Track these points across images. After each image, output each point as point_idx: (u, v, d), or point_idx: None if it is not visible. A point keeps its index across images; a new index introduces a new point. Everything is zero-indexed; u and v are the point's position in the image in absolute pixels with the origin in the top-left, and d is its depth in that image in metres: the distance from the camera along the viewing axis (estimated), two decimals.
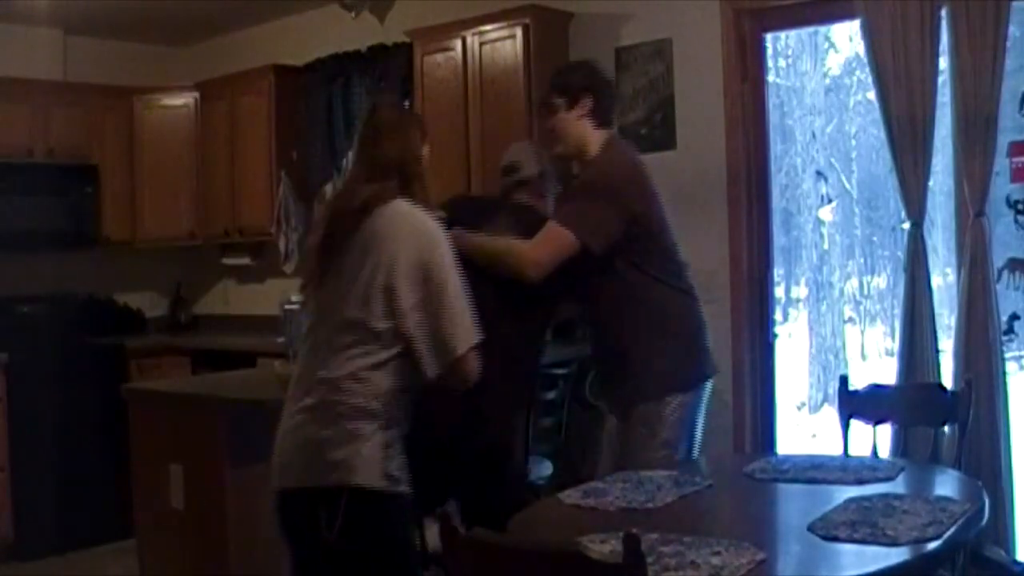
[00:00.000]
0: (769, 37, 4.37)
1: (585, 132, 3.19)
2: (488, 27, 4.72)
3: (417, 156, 2.63)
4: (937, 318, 3.72)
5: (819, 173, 6.43)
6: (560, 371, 3.97)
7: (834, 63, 4.50)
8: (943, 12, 3.63)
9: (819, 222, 7.46)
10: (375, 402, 2.40)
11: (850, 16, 3.86)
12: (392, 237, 2.44)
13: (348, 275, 2.45)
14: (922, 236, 3.72)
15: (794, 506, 2.48)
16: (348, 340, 2.42)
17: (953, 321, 3.76)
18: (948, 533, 2.03)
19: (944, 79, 3.68)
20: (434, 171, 5.03)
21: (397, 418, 2.46)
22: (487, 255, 2.90)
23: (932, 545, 1.98)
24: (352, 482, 2.39)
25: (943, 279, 3.93)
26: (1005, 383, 3.62)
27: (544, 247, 2.96)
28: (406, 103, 5.32)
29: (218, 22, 6.24)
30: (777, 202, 4.37)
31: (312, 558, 2.52)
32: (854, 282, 7.84)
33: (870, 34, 3.74)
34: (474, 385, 2.49)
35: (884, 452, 3.28)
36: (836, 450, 3.11)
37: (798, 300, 7.10)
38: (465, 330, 2.42)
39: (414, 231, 2.46)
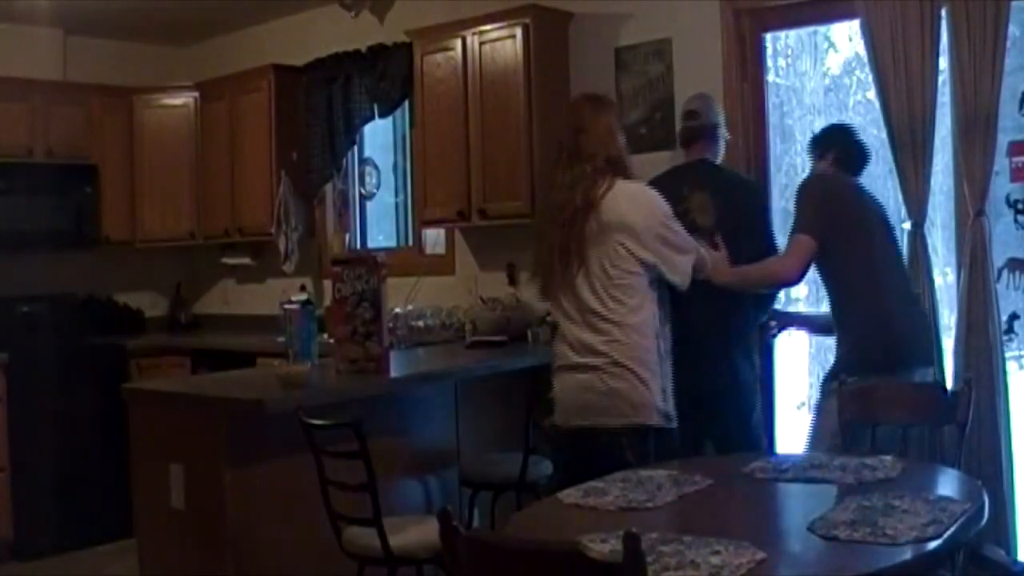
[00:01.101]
0: (769, 37, 4.36)
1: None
2: (488, 27, 4.72)
3: (618, 148, 3.18)
4: (937, 318, 3.72)
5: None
6: None
7: (834, 63, 4.50)
8: (943, 12, 3.62)
9: None
10: (650, 357, 3.05)
11: (850, 16, 3.86)
12: (624, 212, 3.05)
13: (595, 257, 3.05)
14: (923, 236, 3.72)
15: (794, 506, 2.48)
16: (611, 307, 3.04)
17: (953, 321, 3.76)
18: (948, 533, 2.03)
19: (944, 79, 3.68)
20: (434, 171, 5.10)
21: (664, 372, 3.10)
22: (754, 283, 3.53)
23: (932, 545, 1.98)
24: (646, 422, 3.03)
25: (943, 279, 3.93)
26: (1005, 383, 3.62)
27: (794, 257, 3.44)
28: (406, 103, 5.35)
29: (218, 22, 6.24)
30: (777, 202, 4.36)
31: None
32: None
33: (870, 34, 3.74)
34: (715, 348, 3.47)
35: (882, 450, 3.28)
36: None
37: (798, 300, 7.09)
38: (691, 250, 3.15)
39: (636, 200, 3.10)
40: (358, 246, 6.00)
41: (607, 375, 3.04)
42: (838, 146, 3.62)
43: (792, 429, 4.42)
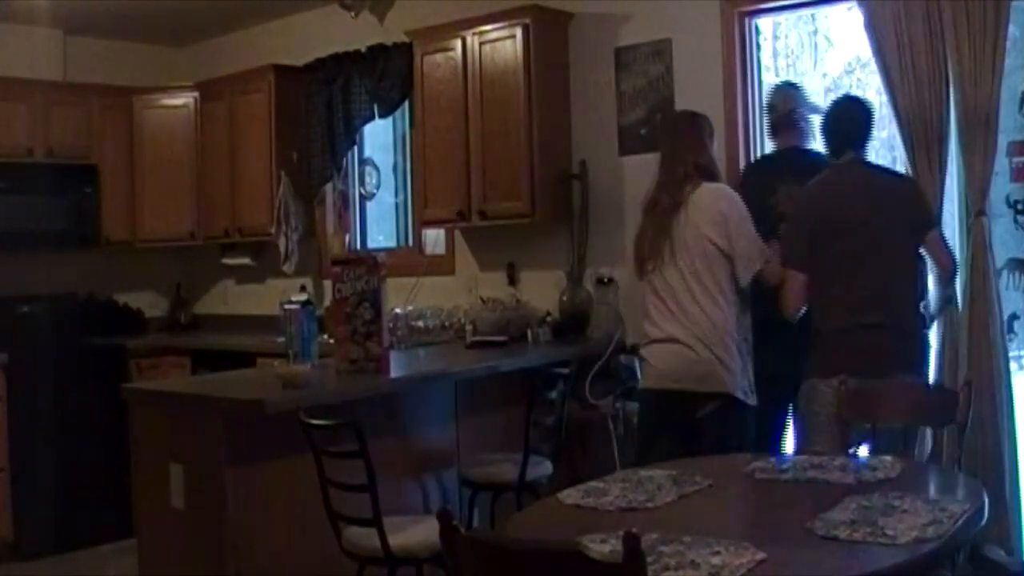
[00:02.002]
0: (768, 37, 4.36)
1: None
2: (488, 27, 4.72)
3: (708, 156, 3.58)
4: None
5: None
6: (560, 371, 3.97)
7: (834, 63, 4.50)
8: (943, 11, 3.62)
9: None
10: (728, 338, 3.43)
11: None
12: (707, 206, 3.45)
13: (682, 248, 3.45)
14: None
15: (794, 506, 2.47)
16: (696, 293, 3.44)
17: (953, 321, 3.75)
18: (948, 533, 2.03)
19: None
20: (434, 171, 5.10)
21: (743, 351, 3.47)
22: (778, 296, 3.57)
23: (932, 545, 1.98)
24: (732, 392, 3.42)
25: None
26: (1007, 383, 3.62)
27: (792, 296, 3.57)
28: (406, 103, 5.35)
29: (218, 22, 6.24)
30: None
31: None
32: None
33: (872, 35, 3.73)
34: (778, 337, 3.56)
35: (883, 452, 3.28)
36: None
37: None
38: (759, 252, 3.47)
39: (719, 197, 3.49)
40: (358, 246, 6.00)
41: (693, 350, 3.44)
42: (823, 139, 3.68)
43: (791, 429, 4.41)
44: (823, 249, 3.43)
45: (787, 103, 3.96)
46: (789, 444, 3.84)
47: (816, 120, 3.83)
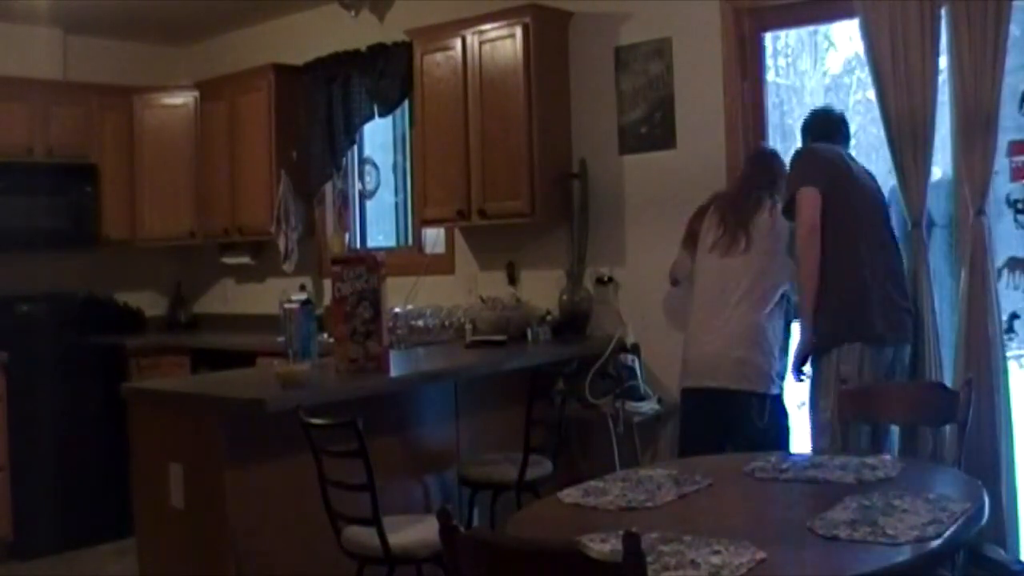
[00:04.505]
0: (769, 36, 4.36)
1: None
2: (488, 26, 4.72)
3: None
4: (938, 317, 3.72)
5: None
6: (560, 370, 3.97)
7: (834, 62, 4.50)
8: (943, 11, 3.62)
9: None
10: (764, 339, 3.68)
11: (849, 15, 3.86)
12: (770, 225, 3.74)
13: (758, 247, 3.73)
14: (923, 236, 3.71)
15: (794, 505, 2.47)
16: (746, 294, 3.68)
17: (953, 321, 3.75)
18: (948, 532, 2.03)
19: (943, 78, 3.67)
20: (434, 170, 5.10)
21: (783, 349, 3.75)
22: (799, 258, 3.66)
23: (932, 544, 1.98)
24: (766, 391, 3.67)
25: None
26: (1006, 382, 3.62)
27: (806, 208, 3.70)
28: (406, 102, 5.35)
29: (218, 22, 6.24)
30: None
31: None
32: None
33: (869, 33, 3.73)
34: None
35: (884, 451, 3.28)
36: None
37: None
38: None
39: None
40: (358, 245, 6.00)
41: (731, 349, 3.66)
42: (816, 132, 3.79)
43: (791, 429, 4.41)
44: (840, 197, 3.51)
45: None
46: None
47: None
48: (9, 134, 5.57)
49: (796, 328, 3.74)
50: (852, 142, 3.90)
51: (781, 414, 3.79)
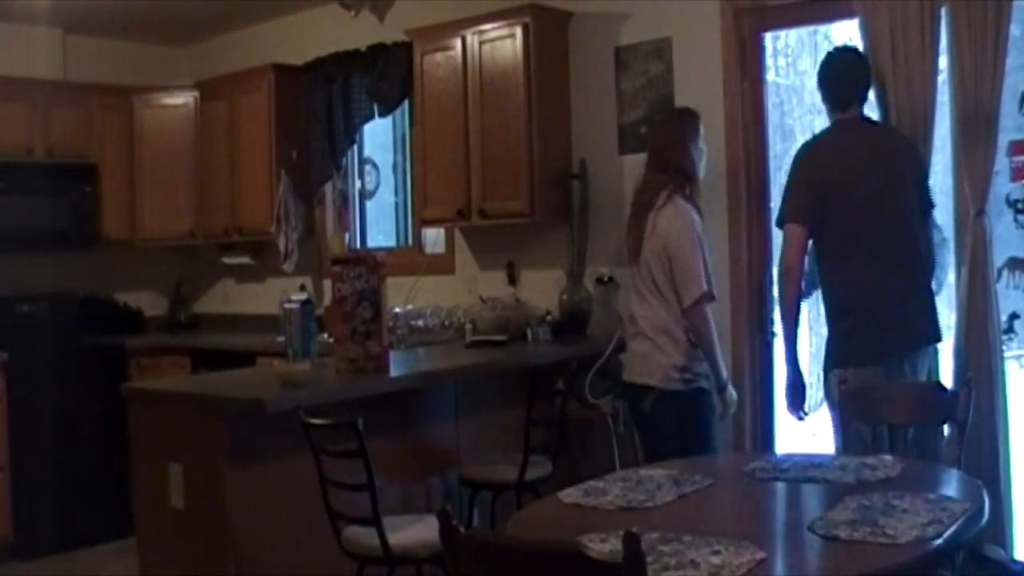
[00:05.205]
0: (769, 36, 4.36)
1: None
2: (488, 26, 4.72)
3: (690, 160, 3.69)
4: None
5: None
6: (560, 370, 3.97)
7: None
8: (943, 11, 3.62)
9: None
10: (669, 337, 3.60)
11: (849, 15, 3.86)
12: (659, 236, 3.58)
13: (645, 251, 3.62)
14: None
15: (794, 505, 2.47)
16: (648, 295, 3.64)
17: (953, 320, 3.75)
18: (948, 532, 2.03)
19: (943, 78, 3.67)
20: (434, 170, 5.10)
21: (688, 351, 3.60)
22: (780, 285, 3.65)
23: (932, 544, 1.98)
24: (663, 386, 3.60)
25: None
26: (1005, 382, 3.62)
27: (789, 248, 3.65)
28: (406, 102, 5.35)
29: (218, 22, 6.24)
30: (777, 201, 4.35)
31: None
32: None
33: (869, 33, 3.73)
34: None
35: (883, 452, 3.28)
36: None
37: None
38: (691, 290, 3.52)
39: (670, 221, 3.58)
40: (358, 245, 6.00)
41: (641, 344, 3.66)
42: (824, 91, 3.63)
43: (791, 429, 4.41)
44: (836, 212, 3.44)
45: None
46: None
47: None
48: (9, 134, 5.57)
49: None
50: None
51: (681, 412, 3.59)
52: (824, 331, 3.66)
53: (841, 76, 3.59)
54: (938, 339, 3.57)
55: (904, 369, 3.44)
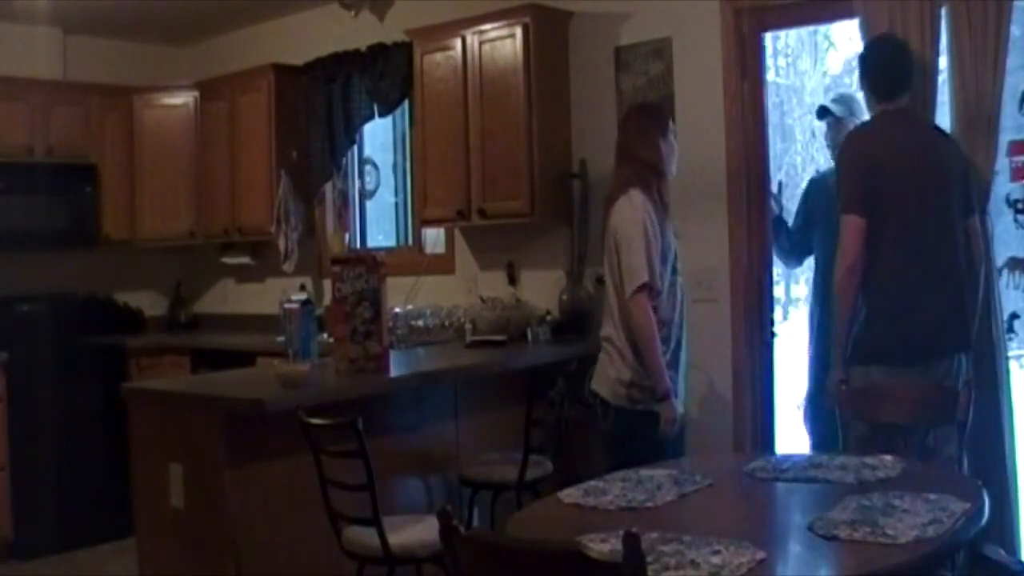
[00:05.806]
0: (769, 36, 4.36)
1: None
2: (488, 26, 4.72)
3: (658, 154, 3.58)
4: None
5: (819, 172, 6.45)
6: (560, 370, 3.97)
7: (834, 62, 4.51)
8: (943, 11, 3.62)
9: None
10: (626, 346, 3.48)
11: (849, 15, 3.86)
12: (609, 231, 3.51)
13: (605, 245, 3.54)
14: None
15: (794, 505, 2.48)
16: (612, 297, 3.54)
17: None
18: (948, 532, 2.03)
19: (943, 78, 3.67)
20: (434, 170, 5.10)
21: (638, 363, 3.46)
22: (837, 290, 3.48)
23: (932, 544, 1.98)
24: (608, 397, 3.54)
25: None
26: (1007, 382, 3.62)
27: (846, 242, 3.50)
28: (406, 102, 5.35)
29: (218, 22, 6.24)
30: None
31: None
32: None
33: (869, 34, 3.73)
34: None
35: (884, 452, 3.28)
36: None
37: (798, 299, 7.10)
38: (632, 280, 3.38)
39: (620, 213, 3.48)
40: (358, 245, 6.00)
41: (602, 351, 3.59)
42: (867, 82, 3.54)
43: (792, 429, 4.42)
44: (886, 207, 3.32)
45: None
46: None
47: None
48: (9, 134, 5.57)
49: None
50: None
51: (627, 429, 3.47)
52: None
53: (885, 65, 3.48)
54: (968, 347, 3.46)
55: (929, 374, 3.37)
